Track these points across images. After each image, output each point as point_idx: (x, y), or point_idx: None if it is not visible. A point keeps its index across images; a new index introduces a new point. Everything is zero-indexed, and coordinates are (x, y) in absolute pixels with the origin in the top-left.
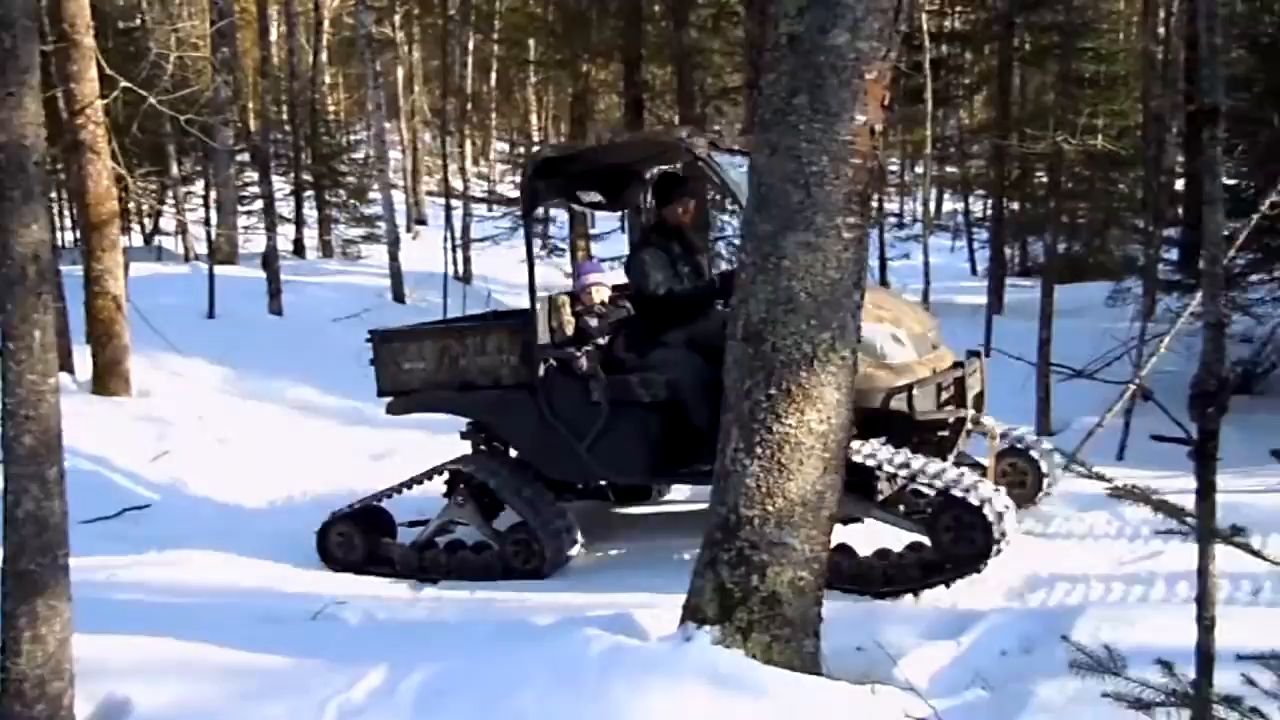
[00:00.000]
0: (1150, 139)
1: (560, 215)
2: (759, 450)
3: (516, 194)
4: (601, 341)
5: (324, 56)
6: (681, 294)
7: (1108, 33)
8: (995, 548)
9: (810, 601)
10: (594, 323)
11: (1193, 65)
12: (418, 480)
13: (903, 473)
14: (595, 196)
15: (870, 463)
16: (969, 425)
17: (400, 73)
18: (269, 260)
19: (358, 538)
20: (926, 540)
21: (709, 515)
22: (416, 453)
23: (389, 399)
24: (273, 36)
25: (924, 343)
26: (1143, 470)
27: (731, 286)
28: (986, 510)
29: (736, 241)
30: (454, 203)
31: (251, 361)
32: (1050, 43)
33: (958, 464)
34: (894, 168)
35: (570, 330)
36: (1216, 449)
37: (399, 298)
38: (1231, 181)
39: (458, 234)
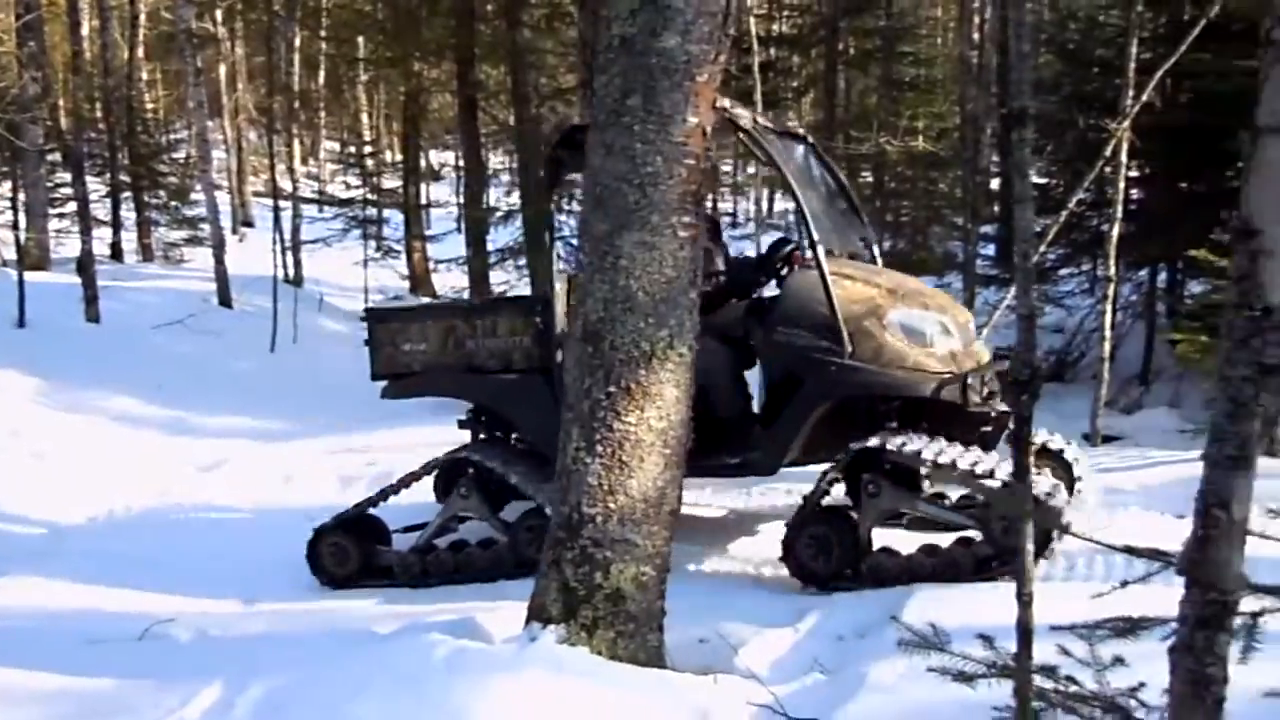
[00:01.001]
0: (967, 140)
1: (395, 215)
2: (600, 448)
3: (347, 194)
4: None
5: (140, 52)
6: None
7: (927, 38)
8: (1053, 541)
9: (653, 596)
10: None
11: (1004, 70)
12: (415, 477)
13: (961, 465)
14: None
15: (928, 455)
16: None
17: (223, 69)
18: (84, 265)
19: (352, 548)
20: (976, 534)
21: (552, 515)
22: (249, 464)
23: (383, 383)
24: (85, 30)
25: (968, 334)
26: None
27: (744, 272)
28: (1051, 504)
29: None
30: (282, 204)
31: (67, 372)
32: (873, 47)
33: None
34: (727, 168)
35: None
36: (1031, 433)
37: (225, 302)
38: (1042, 180)
39: (287, 236)
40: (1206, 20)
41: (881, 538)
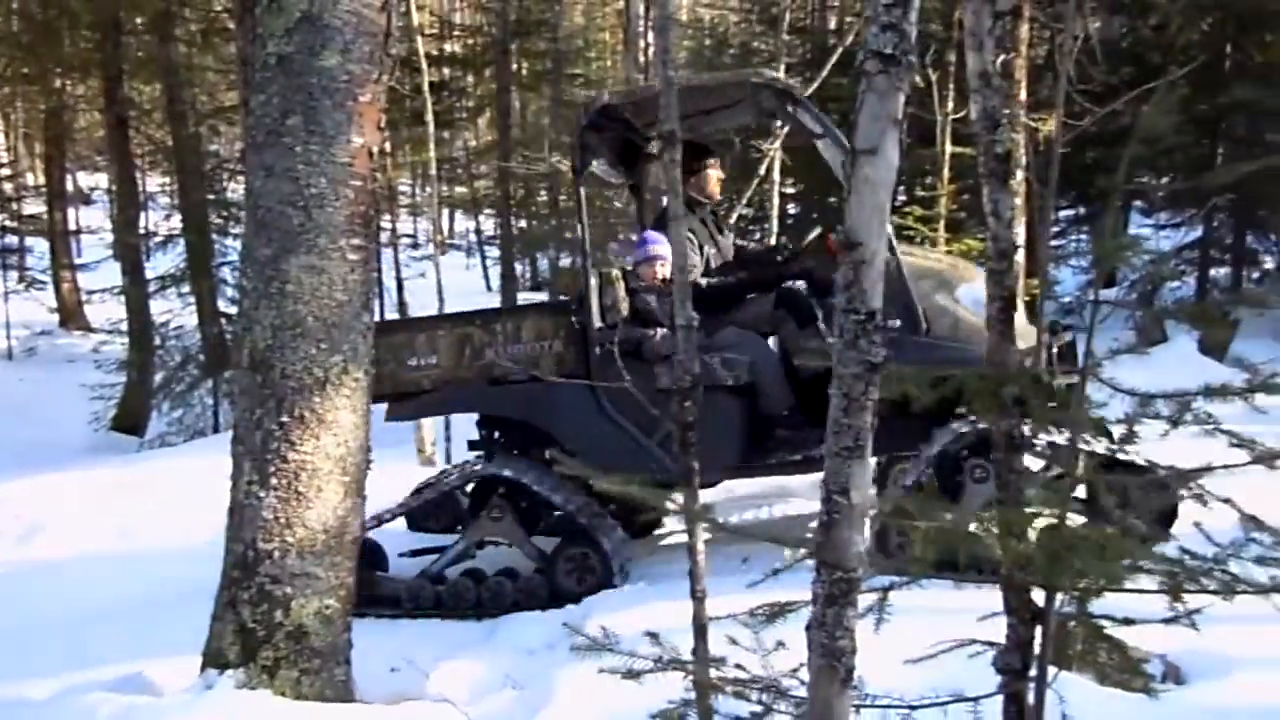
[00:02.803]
0: None
1: (40, 245)
2: (274, 481)
3: None
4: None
5: None
6: (723, 286)
7: (596, 61)
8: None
9: (339, 629)
10: (654, 301)
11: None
12: (429, 496)
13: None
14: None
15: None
16: None
17: None
18: None
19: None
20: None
21: (225, 554)
22: None
23: (386, 404)
24: None
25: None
26: None
27: (762, 264)
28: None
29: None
30: None
31: None
32: (543, 69)
33: None
34: (405, 188)
35: (625, 311)
36: (694, 438)
37: None
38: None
39: None
40: (844, 48)
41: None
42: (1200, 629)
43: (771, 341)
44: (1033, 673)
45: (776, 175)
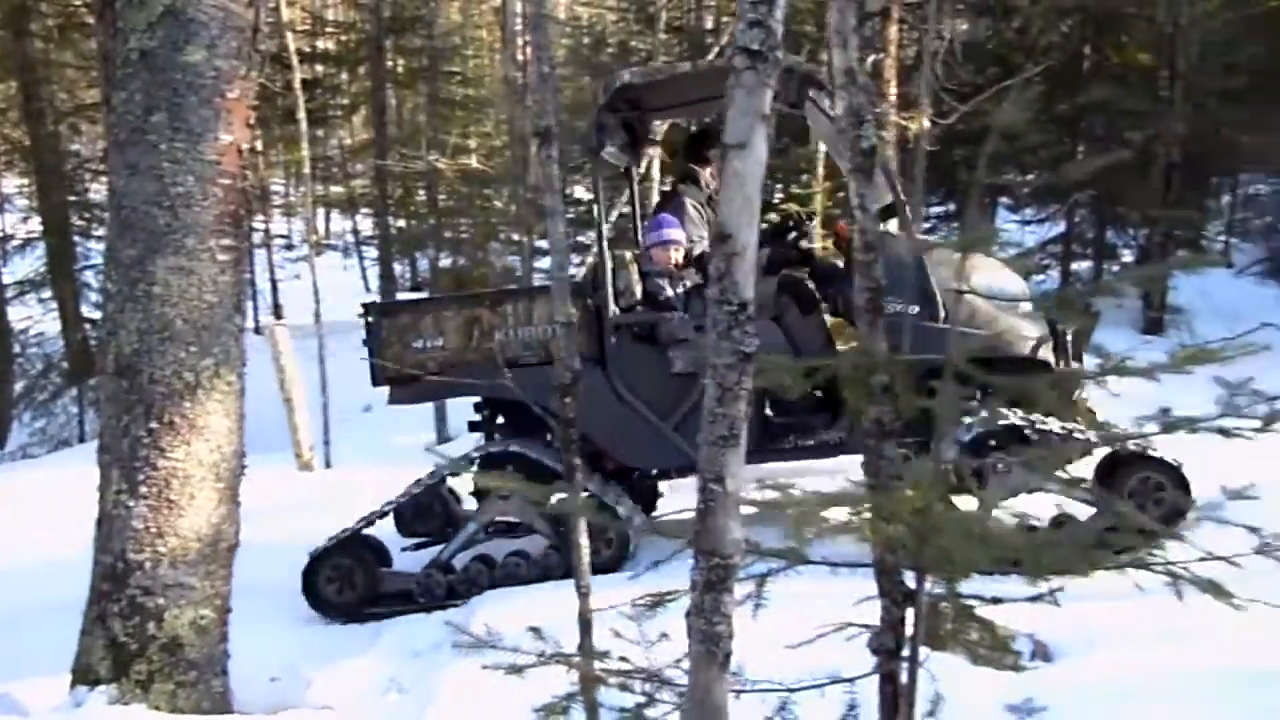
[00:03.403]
0: (516, 158)
1: None
2: (144, 489)
3: None
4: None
5: None
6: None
7: (473, 58)
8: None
9: (215, 639)
10: (666, 285)
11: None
12: (431, 484)
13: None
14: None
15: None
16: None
17: None
18: None
19: (357, 572)
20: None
21: (93, 567)
22: None
23: (389, 388)
24: None
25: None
26: None
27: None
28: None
29: None
30: None
31: None
32: (419, 66)
33: None
34: (278, 188)
35: (638, 294)
36: (576, 434)
37: None
38: (589, 196)
39: None
40: (720, 47)
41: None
42: (1070, 607)
43: None
44: (905, 653)
45: (656, 173)
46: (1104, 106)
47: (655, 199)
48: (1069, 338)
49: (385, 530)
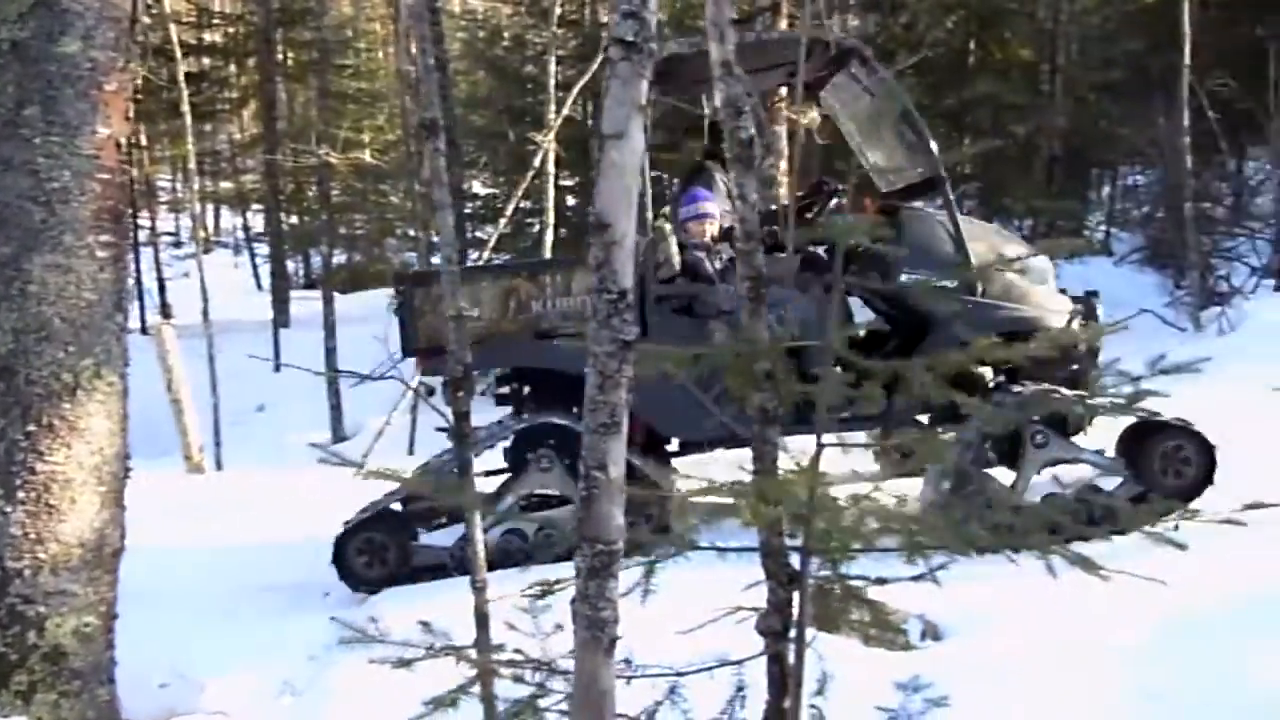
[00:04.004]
0: (410, 152)
1: None
2: (22, 494)
3: None
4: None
5: None
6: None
7: (366, 51)
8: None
9: (100, 647)
10: (704, 258)
11: (445, 84)
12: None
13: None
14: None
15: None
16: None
17: None
18: None
19: (390, 546)
20: (1118, 478)
21: None
22: None
23: (417, 358)
24: None
25: None
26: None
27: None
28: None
29: None
30: None
31: None
32: (310, 59)
33: None
34: (165, 183)
35: (677, 266)
36: (470, 429)
37: None
38: (486, 191)
39: None
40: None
41: None
42: (961, 586)
43: None
44: (793, 634)
45: (551, 168)
46: (988, 101)
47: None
48: (1098, 312)
49: None
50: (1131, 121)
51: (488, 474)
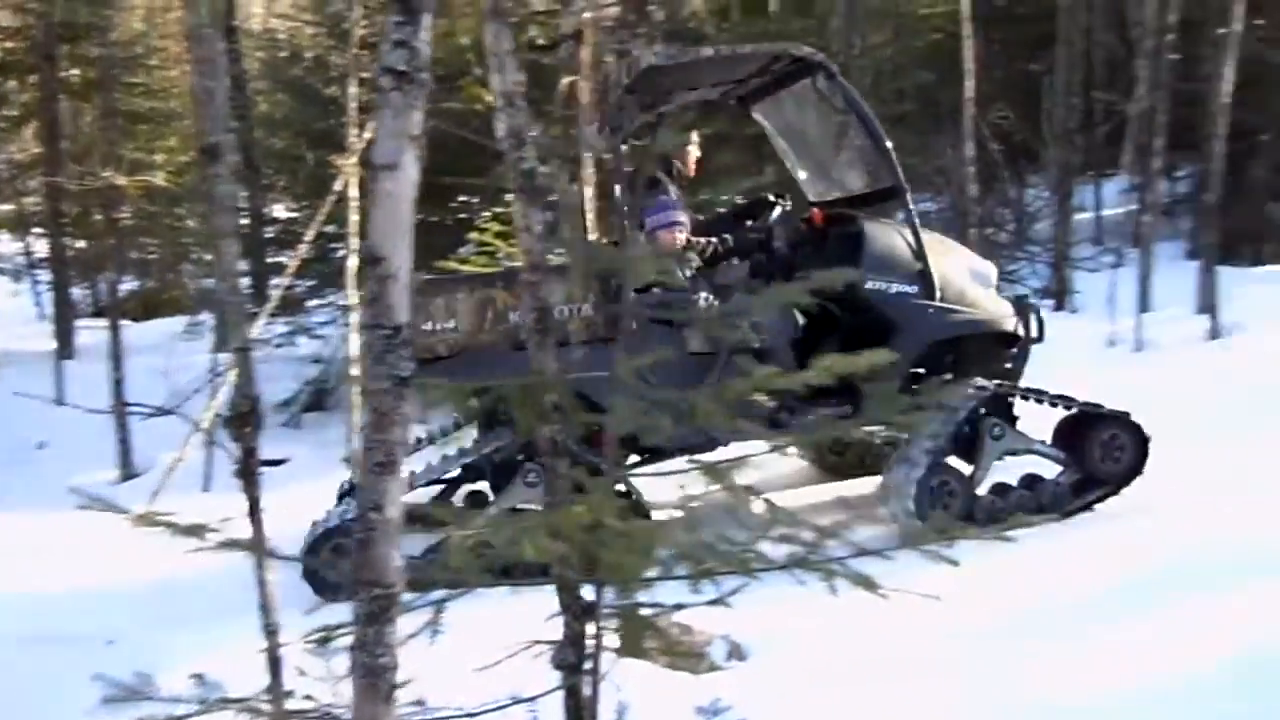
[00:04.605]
0: (206, 175)
1: None
2: None
3: None
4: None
5: None
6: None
7: (158, 69)
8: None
9: None
10: (677, 267)
11: (243, 105)
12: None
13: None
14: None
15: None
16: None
17: None
18: None
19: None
20: (1059, 466)
21: None
22: None
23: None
24: None
25: None
26: (236, 496)
27: (737, 232)
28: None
29: None
30: None
31: None
32: (95, 77)
33: None
34: None
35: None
36: (258, 465)
37: None
38: (289, 214)
39: None
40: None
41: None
42: (763, 607)
43: None
44: (589, 666)
45: (354, 191)
46: None
47: None
48: (1039, 316)
49: None
50: (920, 153)
51: (430, 483)
